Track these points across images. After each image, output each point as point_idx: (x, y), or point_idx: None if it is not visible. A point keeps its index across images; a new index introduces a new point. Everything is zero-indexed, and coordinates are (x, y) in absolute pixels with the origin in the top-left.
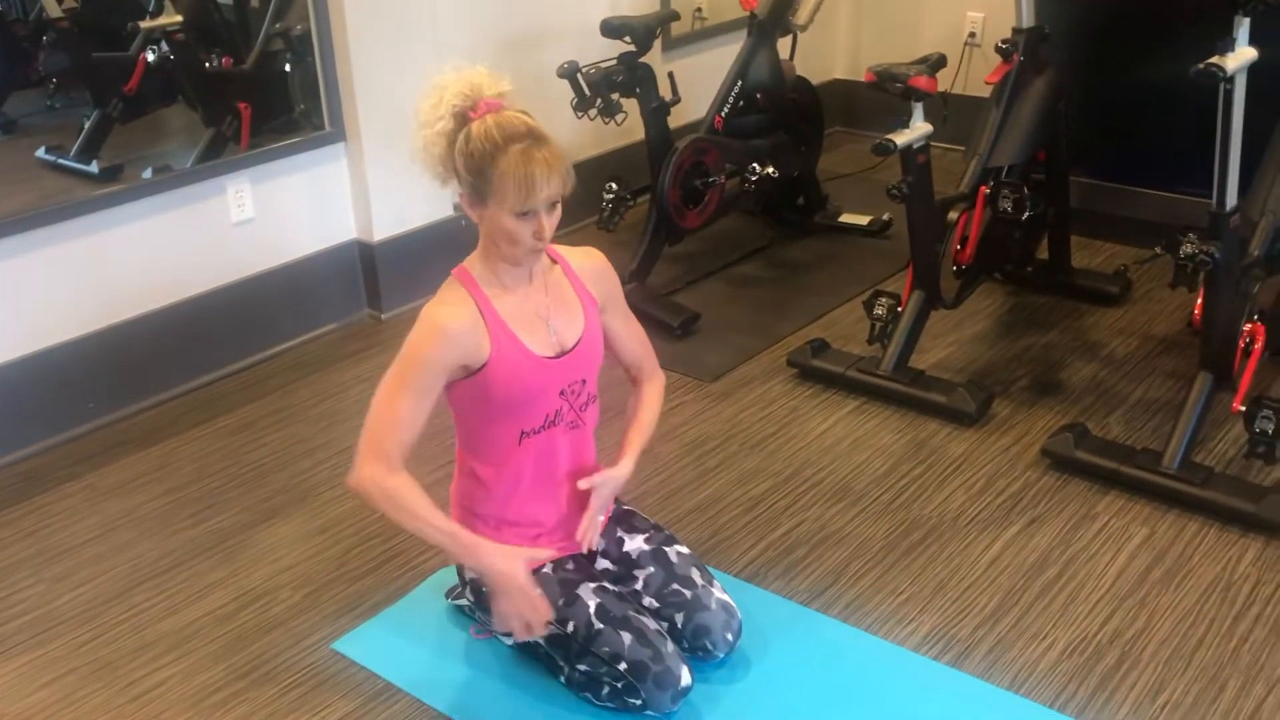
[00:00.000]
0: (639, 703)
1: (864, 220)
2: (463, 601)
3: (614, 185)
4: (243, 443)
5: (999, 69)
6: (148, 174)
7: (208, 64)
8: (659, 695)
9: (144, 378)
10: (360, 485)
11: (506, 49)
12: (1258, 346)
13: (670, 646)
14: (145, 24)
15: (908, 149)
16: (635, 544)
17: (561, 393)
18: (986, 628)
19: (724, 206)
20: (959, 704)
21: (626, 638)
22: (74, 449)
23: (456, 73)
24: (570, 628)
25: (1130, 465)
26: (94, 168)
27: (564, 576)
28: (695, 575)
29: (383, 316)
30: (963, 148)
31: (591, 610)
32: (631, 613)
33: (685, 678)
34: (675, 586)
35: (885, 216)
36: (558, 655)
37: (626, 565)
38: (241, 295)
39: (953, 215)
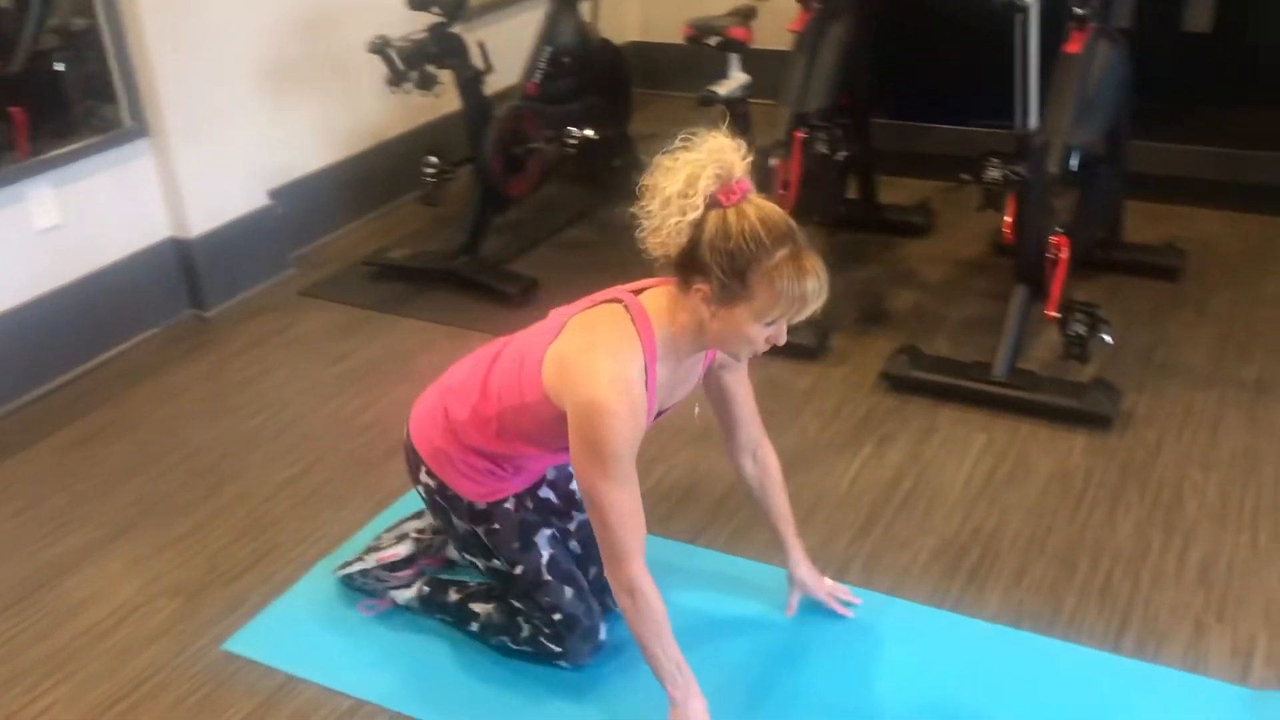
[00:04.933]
0: (559, 650)
1: None
2: (353, 570)
3: (434, 159)
4: (83, 457)
5: (800, 17)
6: None
7: None
8: (581, 647)
9: None
10: (633, 583)
11: (305, 28)
12: (1064, 256)
13: (596, 604)
14: None
15: (729, 99)
16: None
17: None
18: (859, 543)
19: (547, 172)
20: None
21: (568, 592)
22: None
23: (702, 146)
24: (519, 570)
25: (963, 378)
26: None
27: (524, 518)
28: None
29: (207, 315)
30: (770, 101)
31: (544, 561)
32: (575, 568)
33: (603, 633)
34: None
35: None
36: (496, 582)
37: (567, 503)
38: (55, 306)
39: (773, 161)
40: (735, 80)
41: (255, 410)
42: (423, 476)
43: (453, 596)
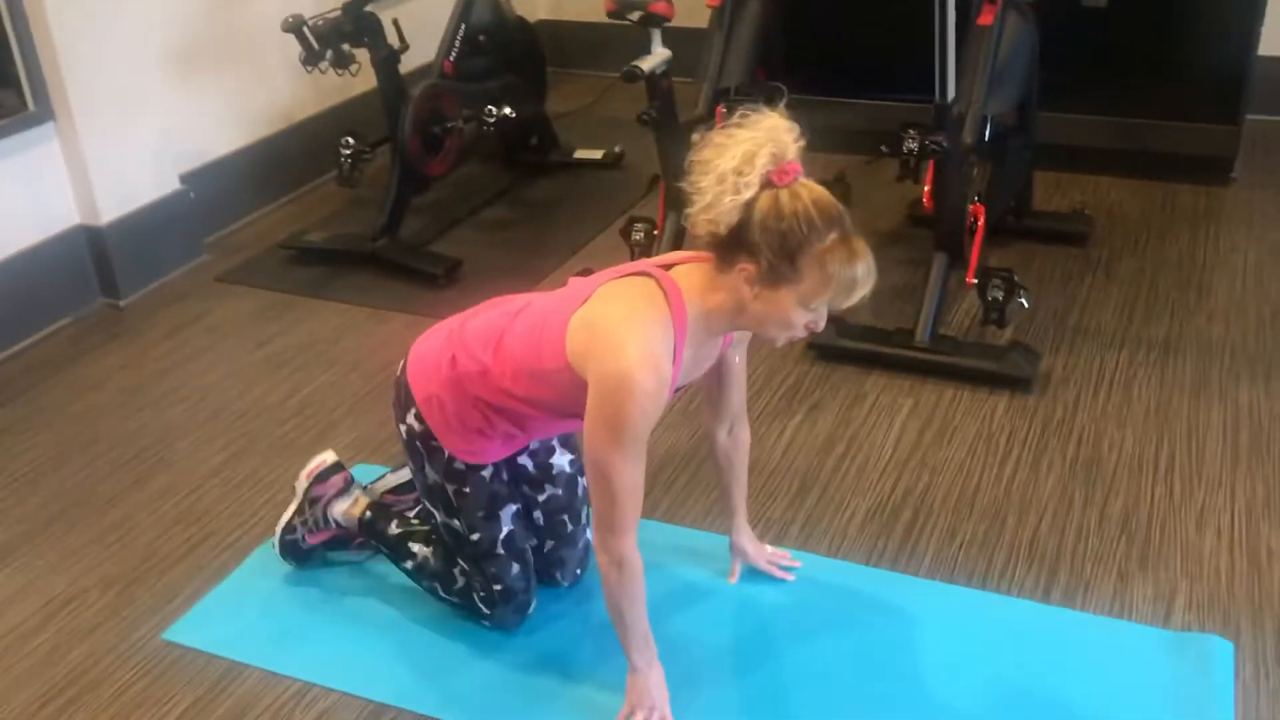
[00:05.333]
0: (488, 613)
1: (598, 154)
2: (288, 517)
3: (350, 140)
4: (1, 451)
5: None
6: None
7: None
8: (510, 618)
9: None
10: (624, 556)
11: (215, 6)
12: (981, 224)
13: (534, 579)
14: None
15: (652, 74)
16: (562, 460)
17: None
18: (796, 506)
19: (466, 151)
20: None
21: (515, 568)
22: None
23: (759, 125)
24: (475, 538)
25: (888, 345)
26: None
27: (495, 490)
28: (582, 512)
29: (121, 304)
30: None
31: (502, 536)
32: (528, 545)
33: (533, 606)
34: (564, 517)
35: (617, 148)
36: (449, 539)
37: (543, 474)
38: None
39: (695, 136)
40: (658, 55)
41: (178, 399)
42: (409, 419)
43: (393, 529)
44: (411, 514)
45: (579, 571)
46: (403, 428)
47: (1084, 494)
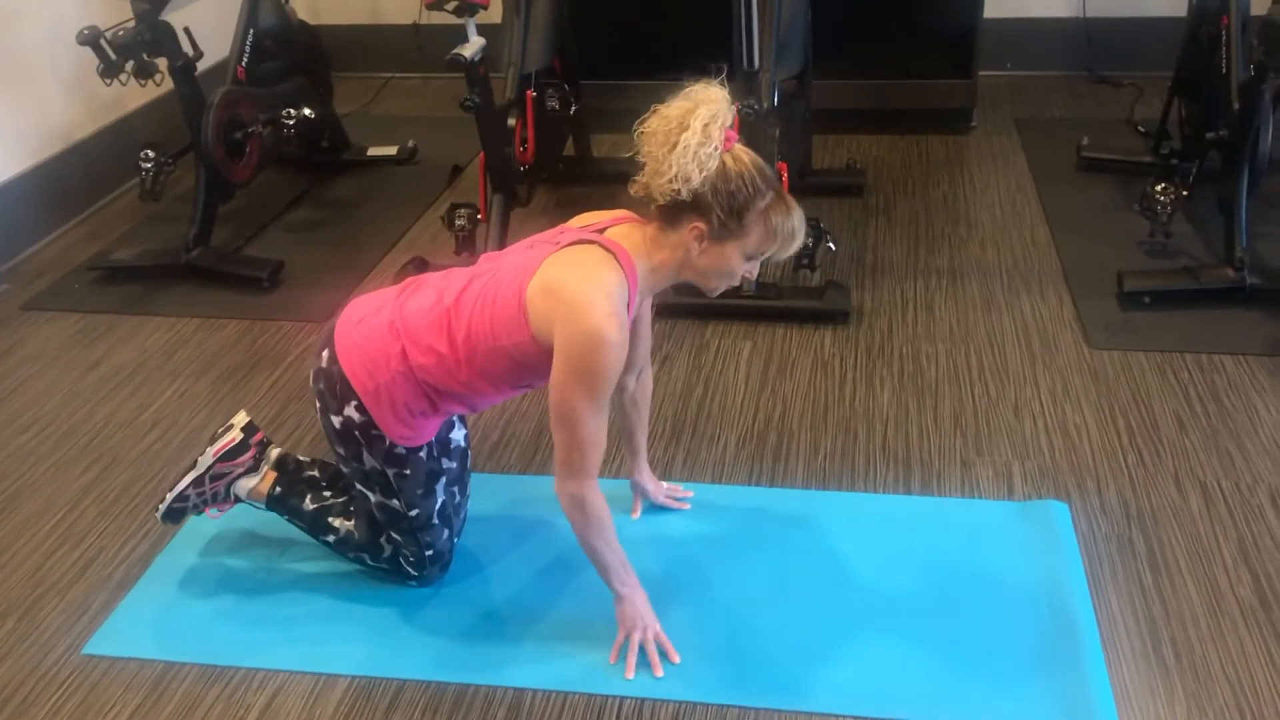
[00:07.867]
0: (415, 575)
1: (392, 150)
2: (183, 487)
3: (150, 152)
4: None
5: None
6: None
7: None
8: (436, 575)
9: None
10: (585, 499)
11: None
12: (785, 179)
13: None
14: None
15: (471, 62)
16: (458, 435)
17: None
18: (675, 446)
19: (266, 155)
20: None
21: (445, 533)
22: None
23: (703, 96)
24: (414, 513)
25: (721, 295)
26: None
27: (432, 467)
28: (468, 484)
29: None
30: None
31: (436, 507)
32: (453, 513)
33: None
34: (455, 489)
35: (410, 144)
36: (381, 517)
37: (441, 449)
38: None
39: (511, 121)
40: (475, 44)
41: (22, 428)
42: (348, 410)
43: (308, 505)
44: (326, 491)
45: (455, 538)
46: (337, 419)
47: (916, 401)
